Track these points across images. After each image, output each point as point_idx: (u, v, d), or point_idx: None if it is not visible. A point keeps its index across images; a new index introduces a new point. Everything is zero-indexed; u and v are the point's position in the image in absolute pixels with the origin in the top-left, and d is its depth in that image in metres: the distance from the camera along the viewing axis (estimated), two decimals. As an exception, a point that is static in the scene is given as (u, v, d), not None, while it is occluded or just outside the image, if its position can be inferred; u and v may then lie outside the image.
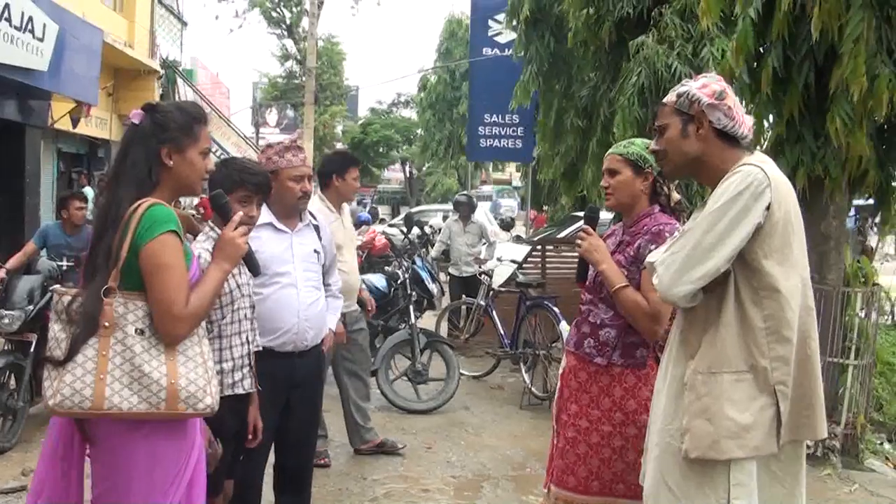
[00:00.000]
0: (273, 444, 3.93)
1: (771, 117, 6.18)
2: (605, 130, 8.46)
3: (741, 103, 2.74)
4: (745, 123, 2.64)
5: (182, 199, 11.07)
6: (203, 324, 2.62)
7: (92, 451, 2.57)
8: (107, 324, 2.43)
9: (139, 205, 2.48)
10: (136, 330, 2.45)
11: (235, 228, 2.76)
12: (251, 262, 3.03)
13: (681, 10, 7.29)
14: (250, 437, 3.48)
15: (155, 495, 2.51)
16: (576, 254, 3.47)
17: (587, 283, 3.44)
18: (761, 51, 5.98)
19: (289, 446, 3.99)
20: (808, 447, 2.78)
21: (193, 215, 8.20)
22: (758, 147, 5.95)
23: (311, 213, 4.17)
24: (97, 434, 2.52)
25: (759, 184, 2.47)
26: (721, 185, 2.54)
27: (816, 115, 5.78)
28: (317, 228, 4.16)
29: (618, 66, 8.30)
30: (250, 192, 3.38)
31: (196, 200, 16.98)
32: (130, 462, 2.50)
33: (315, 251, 4.04)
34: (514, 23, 10.65)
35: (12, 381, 6.01)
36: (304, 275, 3.92)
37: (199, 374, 2.50)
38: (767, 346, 2.51)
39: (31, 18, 11.37)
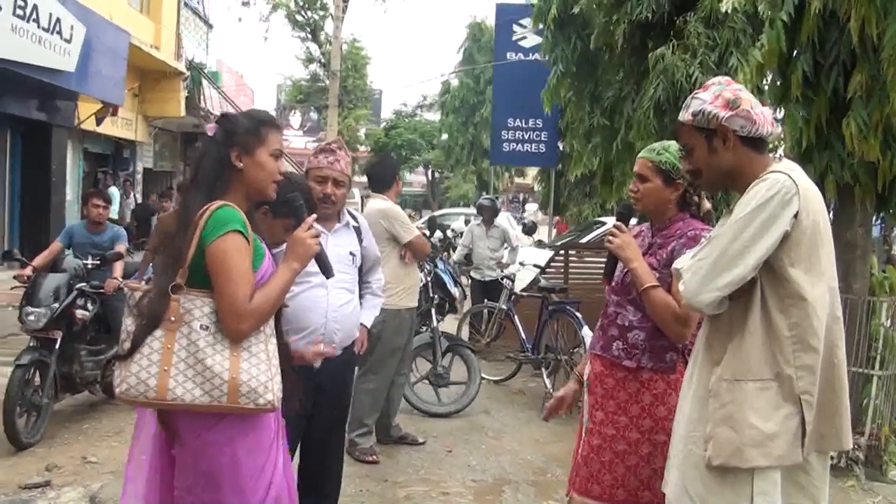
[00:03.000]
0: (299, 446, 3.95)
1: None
2: (628, 130, 8.47)
3: (769, 105, 2.70)
4: (766, 121, 2.60)
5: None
6: (271, 322, 2.69)
7: (176, 450, 2.67)
8: (173, 318, 2.52)
9: (208, 207, 2.58)
10: (201, 326, 2.54)
11: (308, 230, 2.81)
12: (323, 264, 3.02)
13: (705, 18, 7.26)
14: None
15: (247, 495, 2.61)
16: (599, 259, 3.44)
17: (615, 284, 3.37)
18: (789, 55, 5.95)
19: (313, 448, 4.00)
20: (831, 458, 2.75)
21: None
22: (782, 149, 5.92)
23: (350, 214, 4.17)
24: (179, 433, 2.62)
25: (786, 191, 2.44)
26: (748, 193, 2.51)
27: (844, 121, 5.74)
28: (357, 230, 4.16)
29: (640, 70, 8.30)
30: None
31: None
32: (215, 465, 2.60)
33: (350, 253, 4.03)
34: (541, 25, 10.65)
35: (37, 378, 6.07)
36: (336, 276, 3.91)
37: (261, 371, 2.57)
38: (793, 355, 2.48)
39: (58, 20, 11.51)
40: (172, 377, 2.48)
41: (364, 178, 7.24)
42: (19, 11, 10.59)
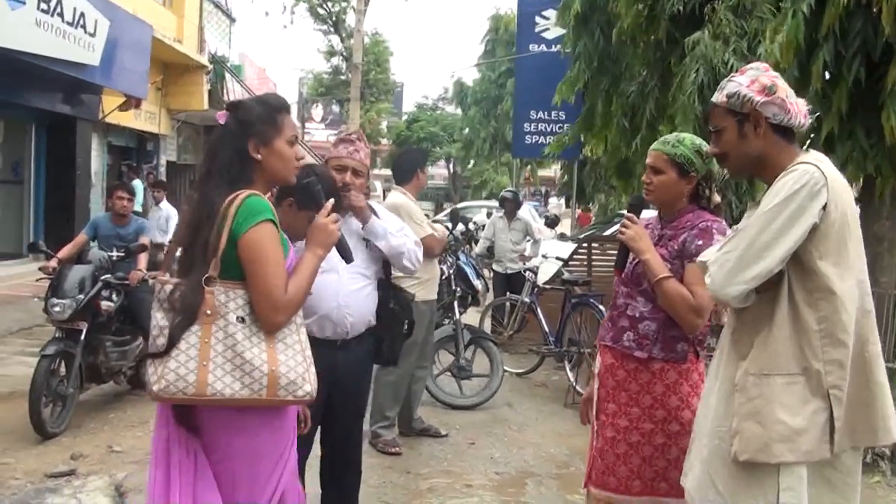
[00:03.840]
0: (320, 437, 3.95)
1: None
2: (650, 128, 8.40)
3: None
4: (799, 111, 2.58)
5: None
6: (300, 312, 2.64)
7: (201, 445, 2.59)
8: (209, 312, 2.46)
9: (235, 196, 2.52)
10: (237, 318, 2.48)
11: (328, 215, 2.78)
12: (343, 249, 3.00)
13: (734, 6, 7.19)
14: (303, 425, 3.46)
15: (255, 490, 2.57)
16: None
17: (625, 275, 3.36)
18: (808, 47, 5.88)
19: (331, 440, 3.99)
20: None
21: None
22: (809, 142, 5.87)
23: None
24: (201, 427, 2.55)
25: (815, 182, 2.41)
26: (776, 184, 2.49)
27: (869, 112, 5.66)
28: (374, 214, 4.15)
29: (667, 64, 8.23)
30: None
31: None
32: (234, 456, 2.55)
33: (365, 239, 4.03)
34: (565, 18, 10.58)
35: (63, 369, 6.14)
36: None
37: (297, 362, 2.52)
38: (821, 349, 2.46)
39: (83, 14, 11.58)
40: (211, 371, 2.41)
41: (385, 171, 7.28)
42: (43, 6, 10.67)
